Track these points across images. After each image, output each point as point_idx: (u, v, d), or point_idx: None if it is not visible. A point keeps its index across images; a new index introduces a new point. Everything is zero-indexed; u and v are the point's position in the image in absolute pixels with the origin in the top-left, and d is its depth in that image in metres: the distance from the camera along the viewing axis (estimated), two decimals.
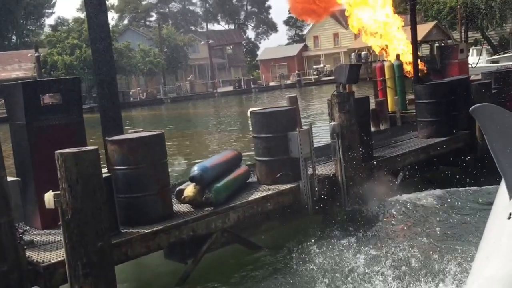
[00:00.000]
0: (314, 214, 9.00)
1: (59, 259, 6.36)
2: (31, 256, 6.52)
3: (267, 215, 8.67)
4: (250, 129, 10.19)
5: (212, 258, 7.99)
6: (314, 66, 75.11)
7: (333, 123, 9.23)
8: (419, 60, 17.17)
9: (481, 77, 14.06)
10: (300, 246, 8.29)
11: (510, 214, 4.05)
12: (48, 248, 6.83)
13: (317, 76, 68.69)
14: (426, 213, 9.36)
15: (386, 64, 16.86)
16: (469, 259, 6.67)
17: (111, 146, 7.44)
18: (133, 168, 7.33)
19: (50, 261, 6.37)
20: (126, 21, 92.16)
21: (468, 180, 10.78)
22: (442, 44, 43.22)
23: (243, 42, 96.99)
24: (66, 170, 6.04)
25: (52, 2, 79.55)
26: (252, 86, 65.68)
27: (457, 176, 11.19)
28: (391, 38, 17.44)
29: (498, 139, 4.19)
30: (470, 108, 4.34)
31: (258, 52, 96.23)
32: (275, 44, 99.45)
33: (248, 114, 32.22)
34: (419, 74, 16.75)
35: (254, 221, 8.50)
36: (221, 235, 7.96)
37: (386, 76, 16.81)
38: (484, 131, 4.41)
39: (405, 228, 8.88)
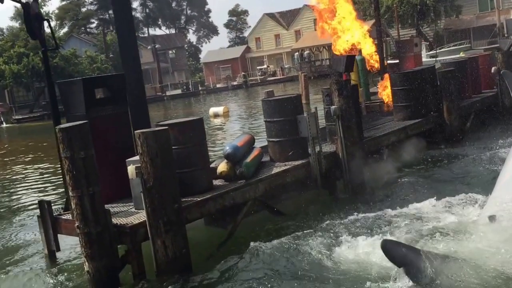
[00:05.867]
0: (322, 186, 10.51)
1: (139, 221, 7.63)
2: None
3: (285, 187, 10.11)
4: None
5: (244, 224, 9.38)
6: (258, 67, 76.67)
7: (333, 106, 10.74)
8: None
9: (441, 66, 15.96)
10: (313, 212, 9.83)
11: None
12: (121, 215, 8.09)
13: (262, 77, 70.41)
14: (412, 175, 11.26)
15: None
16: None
17: None
18: (183, 147, 8.60)
19: (132, 223, 7.63)
20: (66, 29, 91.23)
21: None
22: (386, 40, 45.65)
23: (185, 46, 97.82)
24: (148, 146, 7.32)
25: None
26: (200, 88, 66.82)
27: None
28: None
29: None
30: (501, 71, 6.25)
31: (201, 55, 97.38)
32: (217, 46, 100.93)
33: (211, 113, 33.95)
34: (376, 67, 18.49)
35: (276, 192, 9.95)
36: (253, 203, 9.38)
37: None
38: (510, 87, 6.40)
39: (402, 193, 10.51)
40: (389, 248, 6.25)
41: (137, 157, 7.75)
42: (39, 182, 17.71)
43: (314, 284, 7.02)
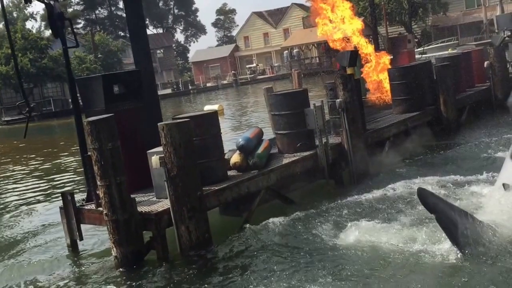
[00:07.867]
0: (329, 176, 10.95)
1: (163, 208, 8.03)
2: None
3: (294, 177, 10.53)
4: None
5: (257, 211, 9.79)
6: (247, 66, 76.95)
7: (338, 100, 11.18)
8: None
9: (435, 61, 16.46)
10: (322, 200, 10.26)
11: None
12: (144, 204, 8.47)
13: (252, 75, 70.69)
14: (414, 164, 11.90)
15: None
16: None
17: None
18: (200, 139, 8.98)
19: (157, 210, 8.03)
20: None
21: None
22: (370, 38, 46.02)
23: (173, 45, 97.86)
24: (171, 137, 7.72)
25: None
26: (190, 87, 66.93)
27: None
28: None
29: None
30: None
31: (189, 55, 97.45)
32: (205, 46, 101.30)
33: (206, 109, 34.18)
34: None
35: (286, 182, 10.36)
36: (266, 192, 9.80)
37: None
38: None
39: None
40: (424, 196, 6.84)
41: (158, 149, 8.16)
42: (42, 180, 17.99)
43: (325, 262, 7.45)
